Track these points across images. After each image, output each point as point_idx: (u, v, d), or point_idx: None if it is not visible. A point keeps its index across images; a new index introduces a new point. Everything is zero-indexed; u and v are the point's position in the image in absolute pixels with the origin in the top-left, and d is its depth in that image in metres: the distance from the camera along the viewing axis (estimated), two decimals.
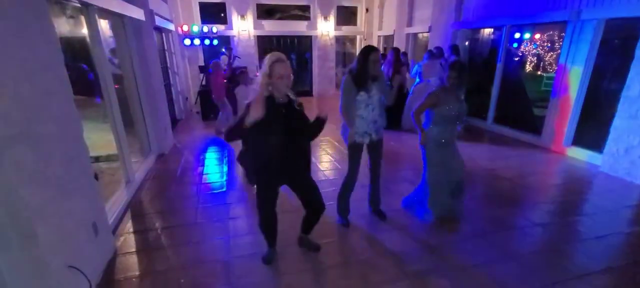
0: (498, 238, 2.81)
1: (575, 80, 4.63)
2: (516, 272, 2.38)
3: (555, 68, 5.00)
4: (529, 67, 6.33)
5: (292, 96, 2.00)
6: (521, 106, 6.02)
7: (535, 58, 6.25)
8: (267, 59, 1.99)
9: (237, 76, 5.46)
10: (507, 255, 2.58)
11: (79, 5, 2.94)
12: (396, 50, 6.03)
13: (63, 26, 3.27)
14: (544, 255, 2.58)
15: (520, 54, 6.19)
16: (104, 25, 3.81)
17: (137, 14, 4.18)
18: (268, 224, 2.39)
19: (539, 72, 6.32)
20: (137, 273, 2.41)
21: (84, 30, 3.19)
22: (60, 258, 1.86)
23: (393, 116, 6.43)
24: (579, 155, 4.69)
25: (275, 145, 2.05)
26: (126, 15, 3.90)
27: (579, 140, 4.79)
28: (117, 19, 3.99)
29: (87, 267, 2.06)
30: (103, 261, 2.45)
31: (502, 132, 5.99)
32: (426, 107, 2.75)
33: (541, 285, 2.26)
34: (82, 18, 3.13)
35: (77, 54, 3.68)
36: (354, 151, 2.75)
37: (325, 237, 2.76)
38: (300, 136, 2.13)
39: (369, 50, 2.52)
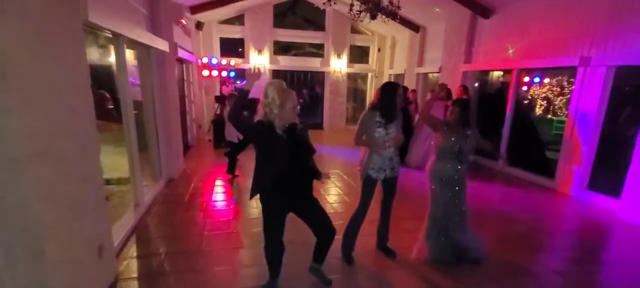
0: (514, 284, 2.67)
1: (588, 124, 4.59)
2: None
3: (566, 112, 4.99)
4: (539, 110, 6.35)
5: (298, 124, 2.10)
6: (533, 148, 5.94)
7: (545, 101, 6.28)
8: (272, 88, 2.02)
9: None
10: None
11: (111, 35, 3.16)
12: (404, 88, 6.22)
13: (93, 54, 3.50)
14: None
15: (530, 97, 6.24)
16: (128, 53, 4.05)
17: (163, 45, 4.45)
18: (274, 254, 2.33)
19: (549, 116, 6.31)
20: None
21: (111, 59, 3.41)
22: (63, 279, 1.85)
23: (401, 151, 6.45)
24: (595, 200, 4.53)
25: (280, 172, 2.05)
26: (152, 47, 4.16)
27: (594, 184, 4.65)
28: (143, 50, 4.25)
29: None
30: (104, 285, 2.41)
31: (513, 174, 5.88)
32: (432, 110, 2.93)
33: None
34: (111, 47, 3.35)
35: (101, 80, 3.89)
36: (367, 186, 2.74)
37: (330, 273, 2.67)
38: (304, 161, 2.16)
39: (395, 85, 2.68)
